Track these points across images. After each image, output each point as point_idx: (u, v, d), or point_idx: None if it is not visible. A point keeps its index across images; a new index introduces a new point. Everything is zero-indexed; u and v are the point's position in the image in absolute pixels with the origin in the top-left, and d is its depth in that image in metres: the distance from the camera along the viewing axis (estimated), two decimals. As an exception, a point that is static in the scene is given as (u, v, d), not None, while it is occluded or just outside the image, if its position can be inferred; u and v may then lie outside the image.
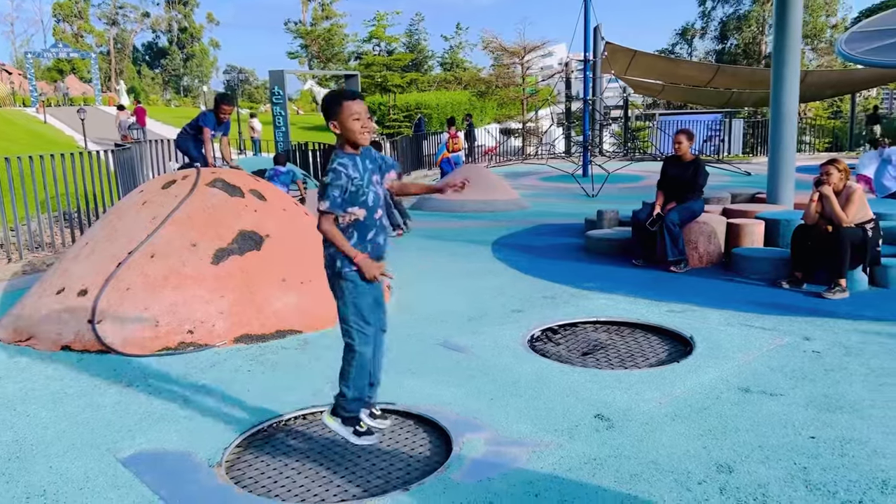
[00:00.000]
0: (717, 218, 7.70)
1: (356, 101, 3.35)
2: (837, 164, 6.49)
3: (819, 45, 51.62)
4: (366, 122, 3.40)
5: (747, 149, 29.51)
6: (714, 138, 29.48)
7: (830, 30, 52.12)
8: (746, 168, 19.35)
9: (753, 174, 17.93)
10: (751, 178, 17.12)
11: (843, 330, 5.32)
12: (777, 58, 8.31)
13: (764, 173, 8.91)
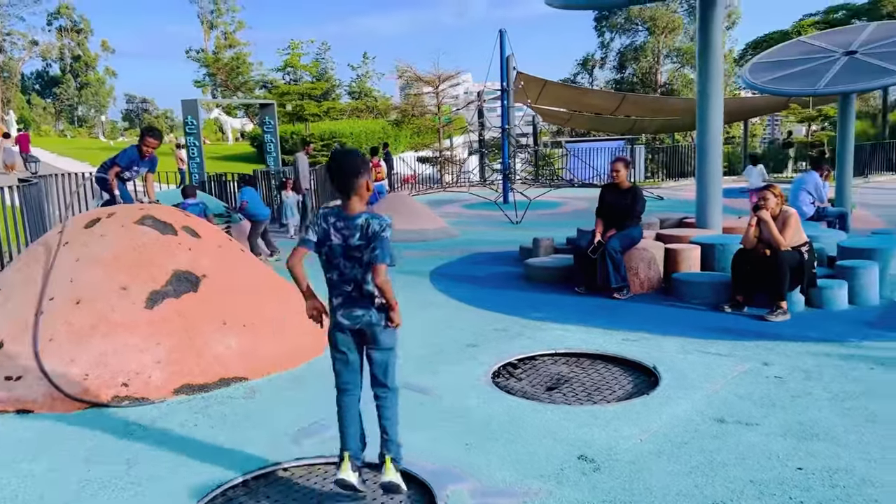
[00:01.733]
0: (655, 244, 7.80)
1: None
2: (773, 190, 6.68)
3: (710, 75, 54.67)
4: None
5: (648, 174, 30.70)
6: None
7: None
8: (658, 192, 20.00)
9: (665, 198, 18.57)
10: (664, 202, 17.69)
11: (796, 353, 5.40)
12: (701, 91, 8.55)
13: (674, 197, 9.06)
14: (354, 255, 3.32)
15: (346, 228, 3.33)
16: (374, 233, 3.29)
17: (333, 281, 3.40)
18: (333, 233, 3.34)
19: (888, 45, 13.30)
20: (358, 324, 3.38)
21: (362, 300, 3.37)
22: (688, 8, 53.34)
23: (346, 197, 3.36)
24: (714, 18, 8.33)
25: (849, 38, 14.20)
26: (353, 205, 3.36)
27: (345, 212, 3.36)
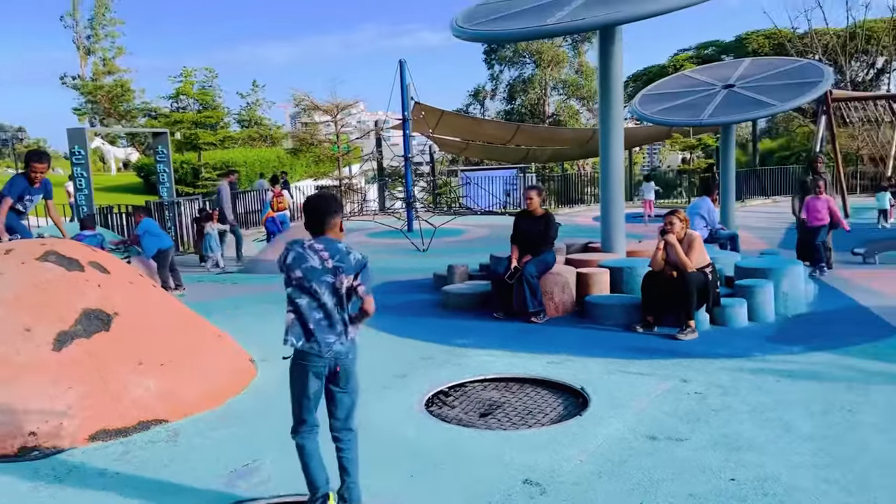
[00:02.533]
0: (567, 268, 8.04)
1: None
2: (678, 215, 7.06)
3: (594, 106, 57.22)
4: None
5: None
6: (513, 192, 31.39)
7: (602, 93, 57.98)
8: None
9: (562, 224, 19.17)
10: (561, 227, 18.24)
11: (711, 370, 5.69)
12: (604, 121, 8.92)
13: (569, 224, 9.28)
14: (328, 280, 3.31)
15: (325, 250, 3.35)
16: (359, 262, 3.37)
17: (303, 308, 3.34)
18: (310, 255, 3.34)
19: (761, 79, 14.42)
20: (329, 351, 3.32)
21: (333, 328, 3.34)
22: (571, 43, 55.81)
23: (321, 233, 3.43)
24: (614, 52, 8.75)
25: (727, 72, 15.29)
26: (329, 235, 3.44)
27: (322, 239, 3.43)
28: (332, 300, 3.32)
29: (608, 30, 8.49)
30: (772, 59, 18.07)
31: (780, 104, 13.34)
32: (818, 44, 30.79)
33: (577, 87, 55.52)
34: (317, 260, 3.32)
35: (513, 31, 8.30)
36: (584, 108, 56.92)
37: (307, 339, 3.31)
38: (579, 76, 55.79)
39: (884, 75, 35.78)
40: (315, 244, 3.36)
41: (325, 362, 3.33)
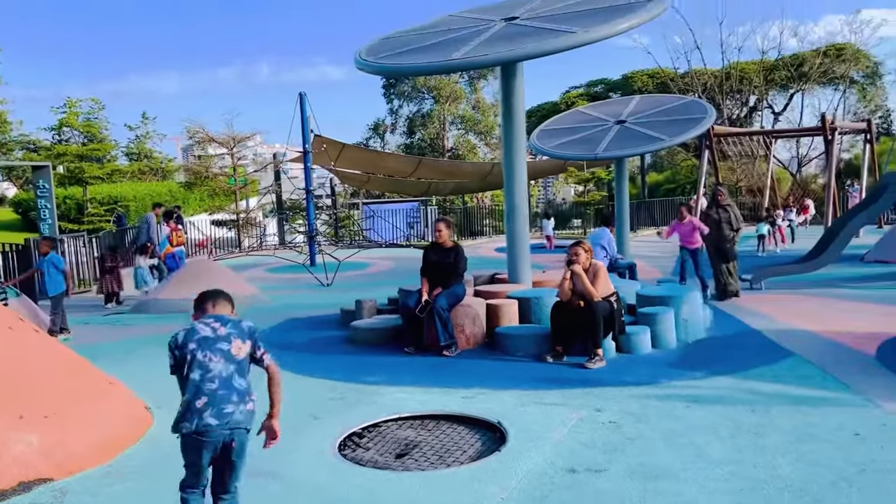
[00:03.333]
0: (477, 300, 8.02)
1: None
2: (583, 245, 7.19)
3: (491, 141, 58.56)
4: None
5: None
6: (416, 225, 31.52)
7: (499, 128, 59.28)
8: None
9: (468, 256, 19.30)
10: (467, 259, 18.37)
11: (621, 398, 5.76)
12: (508, 155, 9.06)
13: (472, 256, 9.26)
14: (222, 349, 3.27)
15: (216, 321, 3.36)
16: (251, 328, 3.40)
17: (196, 381, 3.23)
18: (202, 327, 3.33)
19: (651, 115, 15.14)
20: (226, 423, 3.19)
21: (230, 397, 3.24)
22: (468, 79, 57.03)
23: (214, 309, 3.48)
24: (516, 88, 8.91)
25: (619, 108, 15.97)
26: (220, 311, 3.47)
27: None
28: (229, 368, 3.26)
29: (510, 66, 8.66)
30: (659, 97, 19.05)
31: (669, 139, 14.03)
32: (698, 83, 32.83)
33: (475, 123, 56.72)
34: (209, 330, 3.32)
35: (419, 65, 8.32)
36: (481, 142, 58.13)
37: (201, 417, 3.18)
38: (476, 112, 57.02)
39: (755, 112, 38.49)
40: (204, 318, 3.40)
41: (220, 435, 3.21)
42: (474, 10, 10.40)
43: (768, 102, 37.93)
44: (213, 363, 3.23)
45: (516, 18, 8.99)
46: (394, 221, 26.65)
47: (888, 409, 5.19)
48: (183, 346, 3.26)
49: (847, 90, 34.67)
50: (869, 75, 36.55)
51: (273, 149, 36.61)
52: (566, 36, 7.67)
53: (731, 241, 10.37)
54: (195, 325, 3.33)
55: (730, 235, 10.32)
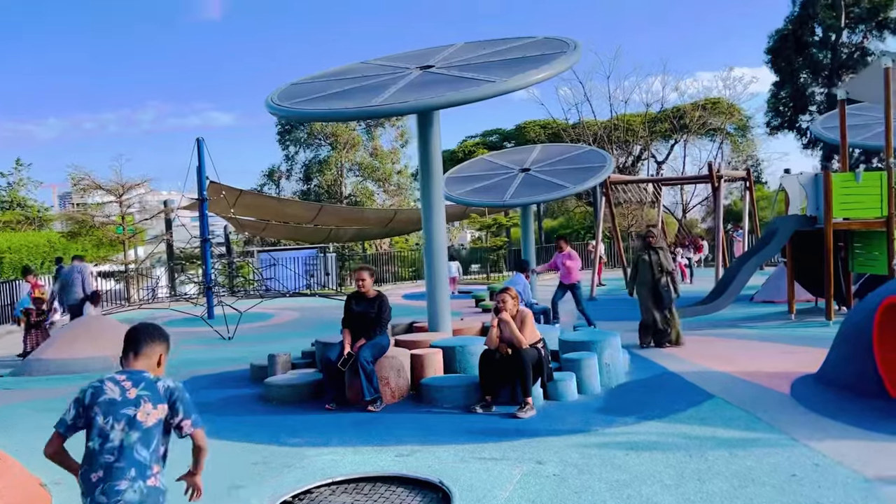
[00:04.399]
0: (401, 350, 7.78)
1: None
2: (510, 293, 7.14)
3: (389, 188, 58.74)
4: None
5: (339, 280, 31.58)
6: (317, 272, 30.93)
7: (396, 175, 59.52)
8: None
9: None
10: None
11: (560, 447, 5.65)
12: (426, 202, 8.93)
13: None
14: (128, 414, 2.85)
15: (128, 380, 2.92)
16: (169, 389, 2.95)
17: (94, 451, 2.84)
18: (111, 386, 2.89)
19: (553, 163, 15.57)
20: (118, 502, 2.78)
21: (126, 472, 2.82)
22: (365, 127, 57.22)
23: (137, 362, 3.03)
24: (433, 135, 8.87)
25: (522, 157, 16.35)
26: (140, 365, 3.03)
27: (128, 368, 3.01)
28: (131, 437, 2.84)
29: (427, 113, 8.63)
30: (559, 146, 19.71)
31: (573, 186, 14.44)
32: (588, 133, 34.33)
33: (373, 170, 56.78)
34: (118, 391, 2.89)
35: (340, 111, 8.14)
36: (379, 189, 58.20)
37: (93, 494, 2.80)
38: (374, 159, 57.19)
39: (640, 161, 40.59)
40: (118, 375, 2.95)
41: None
42: (386, 57, 10.38)
43: (651, 152, 40.11)
44: (114, 431, 2.83)
45: (432, 67, 9.01)
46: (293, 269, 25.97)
47: (815, 447, 5.33)
48: (89, 408, 2.86)
49: (723, 141, 37.20)
50: (741, 128, 39.40)
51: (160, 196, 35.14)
52: (486, 85, 7.73)
53: (665, 286, 9.89)
54: (103, 384, 2.90)
55: (663, 279, 9.86)
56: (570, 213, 38.25)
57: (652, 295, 9.94)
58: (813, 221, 11.89)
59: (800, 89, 40.39)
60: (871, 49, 39.56)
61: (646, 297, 10.00)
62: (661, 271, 9.93)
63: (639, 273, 10.09)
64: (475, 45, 9.83)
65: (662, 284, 9.88)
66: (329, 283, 30.42)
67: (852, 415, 6.12)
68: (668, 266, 9.98)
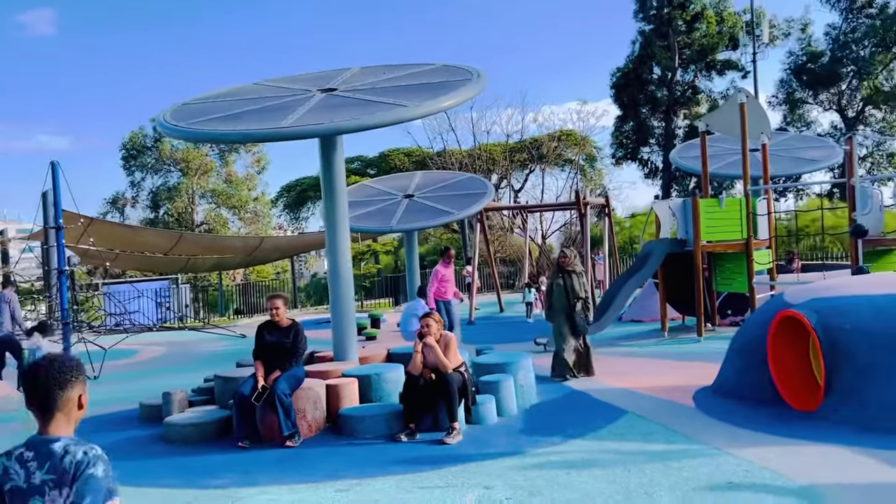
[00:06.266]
0: (317, 381, 7.46)
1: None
2: (434, 317, 7.09)
3: (245, 215, 56.82)
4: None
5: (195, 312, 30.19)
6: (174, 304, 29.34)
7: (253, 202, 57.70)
8: (239, 331, 19.52)
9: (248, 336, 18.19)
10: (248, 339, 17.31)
11: (501, 471, 5.63)
12: (330, 229, 8.70)
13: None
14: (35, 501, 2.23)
15: (34, 459, 2.26)
16: (76, 465, 2.23)
17: None
18: (16, 469, 2.25)
19: (436, 189, 15.75)
20: None
21: None
22: (219, 152, 55.12)
23: (49, 415, 2.31)
24: (336, 160, 8.67)
25: (404, 183, 16.41)
26: (55, 426, 2.31)
27: (39, 435, 2.32)
28: None
29: (331, 138, 8.43)
30: (440, 173, 20.02)
31: (457, 212, 14.67)
32: (454, 161, 35.10)
33: (228, 197, 54.62)
34: (22, 475, 2.25)
35: (250, 133, 7.77)
36: (235, 217, 56.11)
37: None
38: (229, 186, 55.09)
39: (499, 189, 42.02)
40: (25, 451, 2.29)
41: None
42: (279, 79, 10.08)
43: (509, 181, 41.66)
44: None
45: (335, 90, 8.85)
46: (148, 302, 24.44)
47: (738, 454, 5.67)
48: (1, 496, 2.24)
49: (577, 172, 39.32)
50: (590, 158, 41.89)
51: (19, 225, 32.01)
52: (399, 109, 7.69)
53: (580, 312, 9.27)
54: (10, 465, 2.25)
55: (577, 305, 9.21)
56: (437, 240, 38.76)
57: (568, 321, 9.31)
58: (683, 244, 12.79)
59: (642, 123, 43.63)
60: (701, 87, 43.63)
61: (561, 324, 9.36)
62: (577, 297, 9.25)
63: (553, 299, 9.45)
64: (374, 70, 9.78)
65: (578, 311, 9.24)
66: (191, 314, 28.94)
67: (758, 422, 6.59)
68: (581, 291, 9.30)
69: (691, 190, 37.61)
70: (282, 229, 58.23)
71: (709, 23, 40.76)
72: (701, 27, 41.00)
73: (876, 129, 38.45)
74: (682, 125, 42.89)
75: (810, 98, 41.53)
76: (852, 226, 11.01)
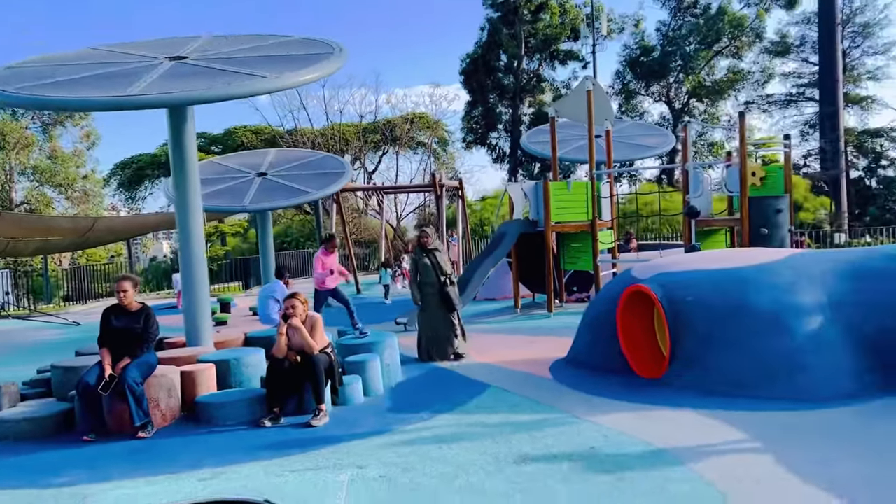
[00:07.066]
0: (170, 368, 7.02)
1: None
2: (299, 298, 6.88)
3: (73, 195, 52.42)
4: None
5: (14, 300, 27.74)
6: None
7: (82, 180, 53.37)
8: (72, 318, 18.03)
9: (82, 323, 16.86)
10: (83, 326, 16.06)
11: (372, 450, 5.58)
12: (181, 207, 8.19)
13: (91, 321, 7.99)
14: None
15: None
16: None
17: None
18: None
19: (291, 168, 15.29)
20: None
21: None
22: (41, 125, 50.42)
23: None
24: (187, 132, 8.16)
25: (257, 160, 15.79)
26: None
27: None
28: None
29: (182, 109, 7.92)
30: (296, 151, 19.43)
31: (315, 191, 14.33)
32: (306, 140, 34.27)
33: (53, 174, 50.21)
34: None
35: (92, 100, 7.06)
36: (61, 196, 51.71)
37: None
38: (53, 162, 50.63)
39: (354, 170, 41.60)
40: None
41: None
42: (120, 45, 9.32)
43: (362, 162, 41.37)
44: None
45: (185, 58, 8.31)
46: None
47: (596, 421, 5.99)
48: None
49: (430, 155, 39.74)
50: (442, 141, 42.49)
51: None
52: (259, 80, 7.34)
53: (453, 288, 9.14)
54: None
55: (444, 283, 9.04)
56: (288, 221, 37.77)
57: (441, 299, 9.09)
58: (535, 225, 13.29)
59: (490, 109, 44.78)
60: (545, 76, 45.45)
61: (432, 304, 9.13)
62: (445, 273, 9.14)
63: (421, 277, 9.20)
64: (228, 40, 9.29)
65: (448, 287, 9.08)
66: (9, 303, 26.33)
67: (610, 390, 6.99)
68: (447, 267, 9.21)
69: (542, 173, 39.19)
70: (116, 210, 54.41)
71: (552, 14, 42.44)
72: (545, 17, 42.62)
73: (699, 120, 41.84)
74: (527, 112, 44.50)
75: (643, 90, 44.52)
76: (686, 207, 11.95)
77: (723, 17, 40.16)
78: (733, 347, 6.63)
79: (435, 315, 9.18)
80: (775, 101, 44.58)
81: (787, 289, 6.75)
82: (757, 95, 44.39)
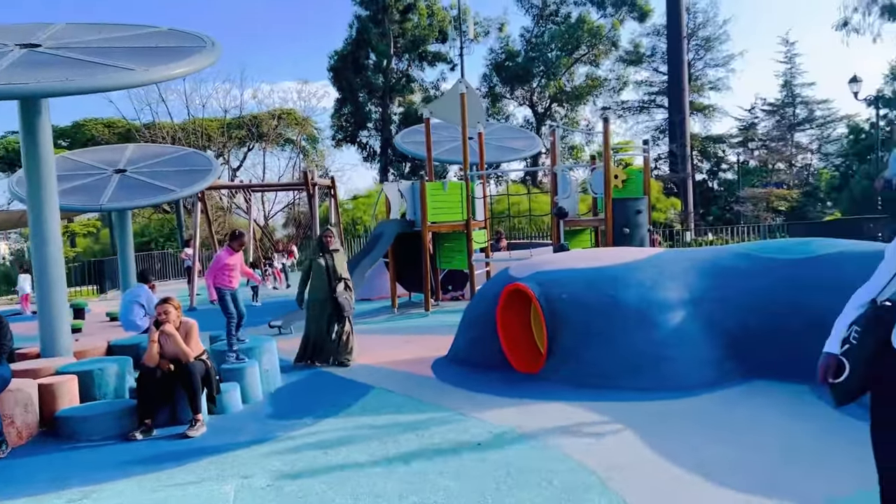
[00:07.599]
0: (27, 381, 6.46)
1: None
2: (173, 303, 6.54)
3: None
4: None
5: None
6: None
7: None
8: None
9: None
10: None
11: (256, 458, 5.41)
12: (34, 206, 7.55)
13: None
14: None
15: None
16: None
17: None
18: None
19: (152, 165, 14.50)
20: None
21: None
22: None
23: None
24: (41, 126, 7.55)
25: (114, 156, 14.84)
26: None
27: None
28: None
29: (36, 101, 7.31)
30: (157, 147, 18.37)
31: (180, 190, 13.66)
32: (165, 135, 32.54)
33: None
34: None
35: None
36: None
37: None
38: None
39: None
40: None
41: None
42: (-41, 27, 8.47)
43: (226, 158, 39.88)
44: None
45: (38, 46, 7.68)
46: None
47: (481, 417, 6.12)
48: None
49: (299, 152, 38.95)
50: (312, 139, 41.79)
51: None
52: (126, 73, 6.89)
53: (343, 293, 8.76)
54: None
55: (340, 286, 8.75)
56: (146, 220, 35.73)
57: (331, 304, 8.73)
58: (412, 225, 13.37)
59: (360, 107, 44.53)
60: (414, 76, 45.78)
61: (320, 308, 8.80)
62: (339, 278, 8.80)
63: (312, 279, 8.84)
64: (86, 28, 8.66)
65: (340, 292, 8.73)
66: None
67: (491, 386, 7.17)
68: (344, 272, 8.88)
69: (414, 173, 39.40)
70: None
71: (421, 15, 42.84)
72: (413, 18, 42.94)
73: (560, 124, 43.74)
74: (397, 111, 44.66)
75: (508, 93, 45.91)
76: (555, 208, 12.46)
77: (582, 25, 42.16)
78: (605, 342, 6.99)
79: (321, 319, 8.86)
80: (629, 107, 47.45)
81: (652, 286, 7.20)
82: (613, 102, 47.05)
